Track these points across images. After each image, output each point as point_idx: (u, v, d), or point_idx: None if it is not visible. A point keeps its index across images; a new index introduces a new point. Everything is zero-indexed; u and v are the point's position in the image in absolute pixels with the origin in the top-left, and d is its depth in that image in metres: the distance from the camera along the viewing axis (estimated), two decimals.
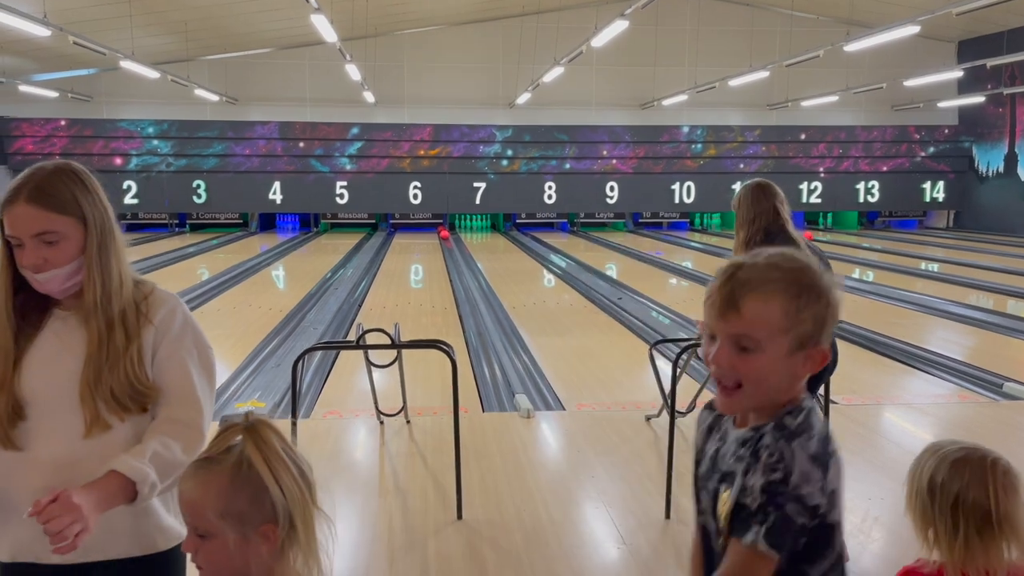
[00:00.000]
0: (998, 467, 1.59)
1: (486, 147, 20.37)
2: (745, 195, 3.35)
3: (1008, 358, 7.02)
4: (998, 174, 20.47)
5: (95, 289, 1.66)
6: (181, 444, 1.65)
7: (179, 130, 19.48)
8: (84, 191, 1.67)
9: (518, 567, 3.21)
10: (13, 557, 1.66)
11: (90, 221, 1.66)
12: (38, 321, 1.69)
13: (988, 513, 1.55)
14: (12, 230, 1.61)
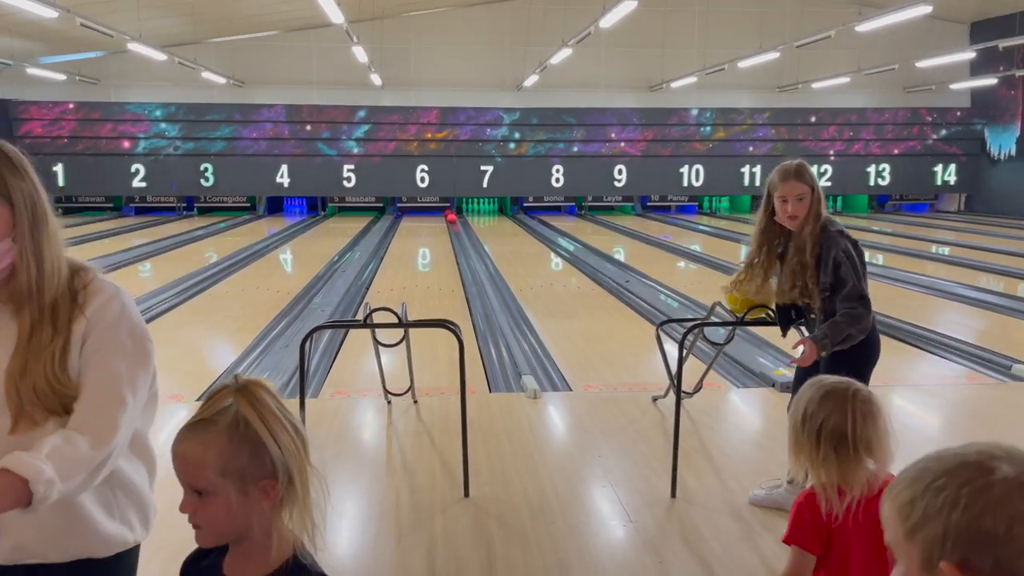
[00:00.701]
0: (858, 396, 1.80)
1: (493, 130, 20.30)
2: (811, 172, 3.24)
3: (1017, 340, 6.98)
4: (1010, 157, 20.29)
5: (30, 274, 1.56)
6: (89, 438, 1.50)
7: (186, 113, 19.48)
8: (12, 170, 1.56)
9: (524, 544, 3.23)
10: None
11: (17, 201, 1.55)
12: None
13: (845, 436, 1.75)
14: None
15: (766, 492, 3.49)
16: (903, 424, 4.69)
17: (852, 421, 1.77)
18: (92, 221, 18.46)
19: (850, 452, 1.76)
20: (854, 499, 1.77)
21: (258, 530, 1.31)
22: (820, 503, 1.80)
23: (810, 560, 1.82)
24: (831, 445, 1.77)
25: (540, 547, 3.20)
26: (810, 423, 1.80)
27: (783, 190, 3.11)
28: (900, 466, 3.28)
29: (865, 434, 1.78)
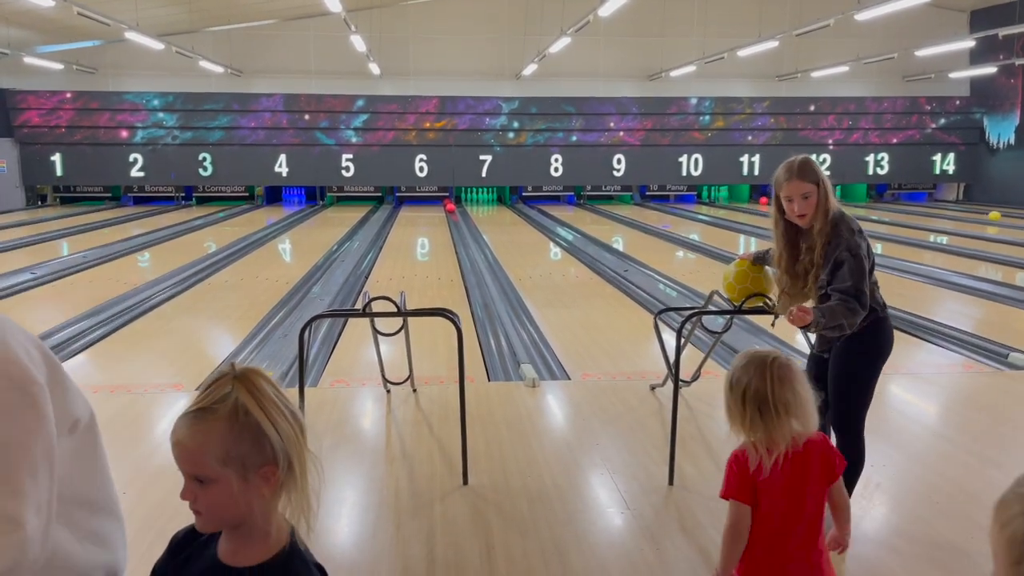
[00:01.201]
0: (776, 363, 2.00)
1: (492, 119, 20.26)
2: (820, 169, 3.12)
3: (1014, 329, 7.01)
4: (1009, 146, 20.29)
5: None
6: None
7: (184, 103, 19.43)
8: None
9: (523, 531, 3.26)
10: None
11: None
12: None
13: (766, 398, 1.95)
14: None
15: None
16: (899, 412, 4.72)
17: (771, 385, 1.96)
18: (91, 211, 18.44)
19: (772, 413, 1.96)
20: (780, 455, 1.97)
21: (259, 515, 1.33)
22: (749, 460, 2.00)
23: (745, 510, 2.01)
24: (755, 407, 1.97)
25: (538, 534, 3.23)
26: (736, 388, 2.01)
27: (787, 190, 3.06)
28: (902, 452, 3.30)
29: (783, 396, 1.96)
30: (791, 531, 2.01)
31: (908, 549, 3.11)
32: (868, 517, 3.39)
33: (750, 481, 2.00)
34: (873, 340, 3.10)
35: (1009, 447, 4.17)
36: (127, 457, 3.99)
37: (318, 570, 1.39)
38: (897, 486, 3.72)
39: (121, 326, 7.12)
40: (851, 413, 3.18)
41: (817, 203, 3.01)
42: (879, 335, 3.10)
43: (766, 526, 2.01)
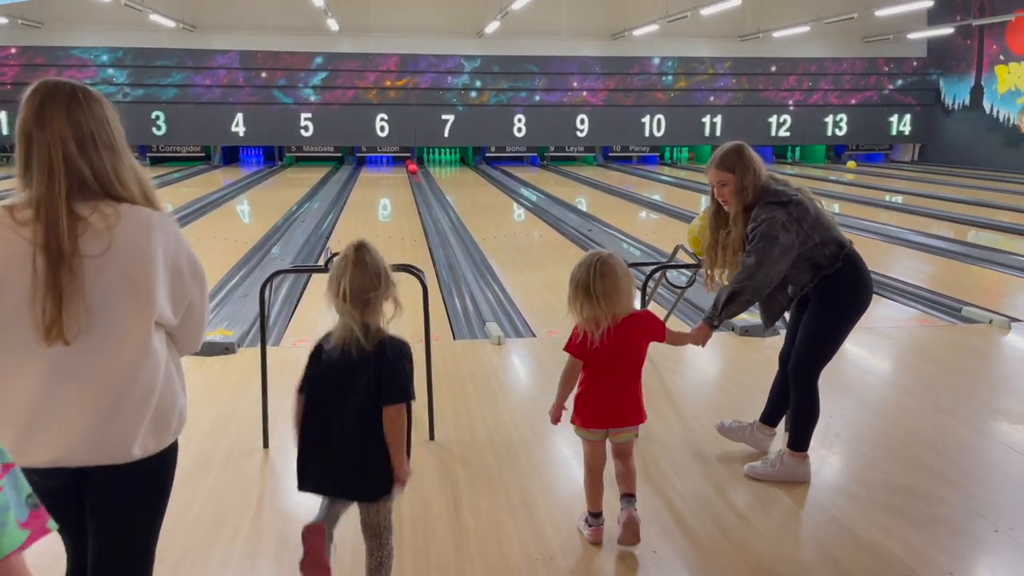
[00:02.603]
0: (600, 261, 2.63)
1: (454, 78, 19.97)
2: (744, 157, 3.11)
3: (967, 285, 7.19)
4: (964, 107, 20.62)
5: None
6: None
7: (135, 58, 18.79)
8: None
9: (490, 483, 3.27)
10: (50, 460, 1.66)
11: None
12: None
13: (589, 289, 2.61)
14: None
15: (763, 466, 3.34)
16: (856, 365, 4.82)
17: (593, 279, 2.60)
18: None
19: (593, 300, 2.61)
20: (603, 329, 2.64)
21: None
22: (580, 335, 2.69)
23: (578, 364, 2.75)
24: (584, 295, 2.63)
25: (505, 486, 3.24)
26: (571, 282, 2.68)
27: (709, 176, 3.20)
28: (860, 402, 3.39)
29: (603, 288, 2.60)
30: (615, 378, 2.72)
31: (865, 495, 3.19)
32: (827, 464, 3.47)
33: (582, 346, 2.69)
34: (830, 302, 3.14)
35: (962, 396, 4.29)
36: None
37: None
38: (855, 435, 3.81)
39: None
40: (802, 363, 3.24)
41: (733, 192, 3.11)
42: (835, 293, 3.13)
43: (596, 376, 2.72)
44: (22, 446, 1.61)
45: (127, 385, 1.67)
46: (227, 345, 4.95)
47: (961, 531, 2.91)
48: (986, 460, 3.54)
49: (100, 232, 1.62)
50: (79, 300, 1.59)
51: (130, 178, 1.71)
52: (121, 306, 1.65)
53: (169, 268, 1.72)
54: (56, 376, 1.62)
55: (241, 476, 3.33)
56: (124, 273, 1.64)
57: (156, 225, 1.70)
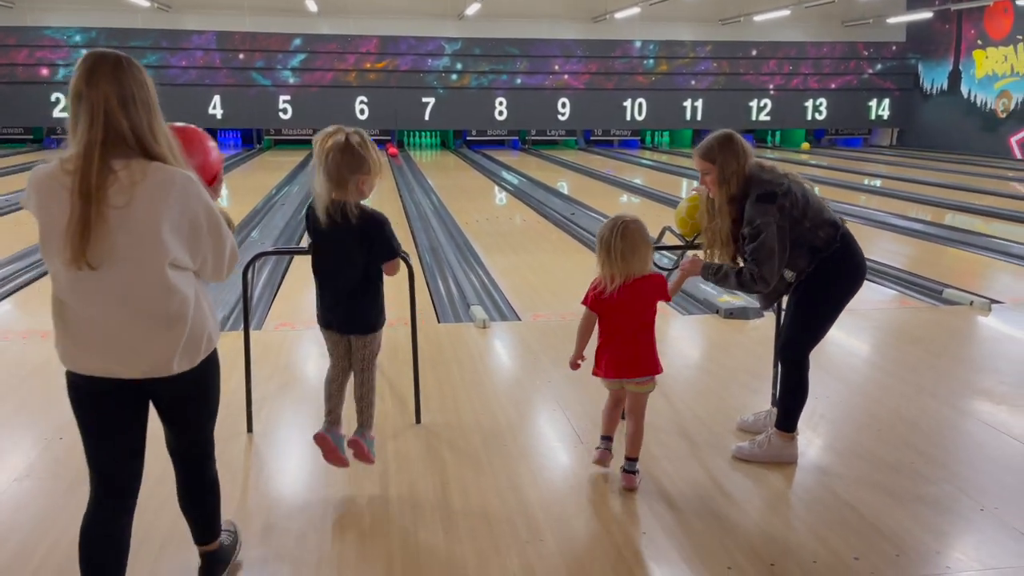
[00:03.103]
0: (623, 223, 2.94)
1: (435, 60, 19.81)
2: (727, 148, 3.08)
3: (947, 267, 7.26)
4: (942, 91, 20.78)
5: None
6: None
7: (109, 39, 18.42)
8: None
9: (477, 466, 3.25)
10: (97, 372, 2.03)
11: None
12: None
13: (610, 246, 2.93)
14: None
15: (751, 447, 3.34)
16: (840, 346, 4.84)
17: (614, 238, 2.92)
18: (11, 154, 17.50)
19: (612, 256, 2.93)
20: (616, 285, 2.94)
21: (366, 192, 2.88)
22: (598, 285, 3.01)
23: (592, 317, 3.05)
24: (605, 252, 2.95)
25: (493, 469, 3.22)
26: (598, 240, 2.99)
27: (695, 164, 3.22)
28: (844, 383, 3.40)
29: (620, 246, 2.91)
30: (628, 333, 3.00)
31: (852, 475, 3.21)
32: (813, 446, 3.48)
33: (596, 300, 3.01)
34: (824, 284, 3.13)
35: (944, 377, 4.33)
36: (61, 403, 3.83)
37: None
38: (840, 416, 3.83)
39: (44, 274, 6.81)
40: (794, 344, 3.25)
41: (715, 182, 3.12)
42: (830, 274, 3.12)
43: (611, 328, 3.02)
44: (81, 359, 2.03)
45: (152, 314, 1.99)
46: None
47: (946, 510, 2.93)
48: (969, 440, 3.57)
49: (125, 187, 1.89)
50: (104, 240, 1.89)
51: (162, 136, 1.98)
52: (138, 250, 1.94)
53: (188, 221, 1.99)
54: (92, 298, 1.96)
55: (225, 461, 3.27)
56: (141, 223, 1.92)
57: (178, 183, 1.96)
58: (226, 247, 2.14)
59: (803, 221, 3.06)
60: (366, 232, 2.84)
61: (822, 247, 3.08)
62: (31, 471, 3.19)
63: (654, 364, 3.05)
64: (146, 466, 2.24)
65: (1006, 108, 18.79)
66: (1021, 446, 3.48)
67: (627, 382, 3.06)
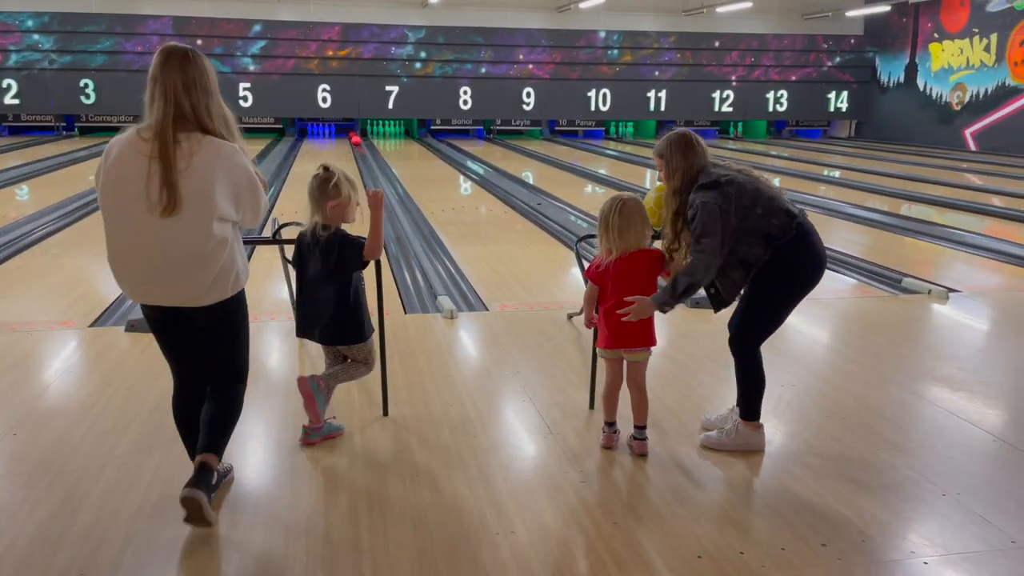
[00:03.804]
0: (622, 201, 3.13)
1: (398, 48, 19.60)
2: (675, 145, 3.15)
3: (906, 256, 7.39)
4: (898, 84, 21.16)
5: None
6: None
7: (62, 23, 17.91)
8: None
9: (446, 457, 3.22)
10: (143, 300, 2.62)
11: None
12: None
13: (608, 222, 3.12)
14: None
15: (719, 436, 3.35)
16: (804, 334, 4.90)
17: (613, 215, 3.11)
18: None
19: (610, 231, 3.12)
20: (612, 258, 3.13)
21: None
22: (598, 258, 3.23)
23: (595, 289, 3.23)
24: (604, 227, 3.14)
25: (463, 460, 3.20)
26: (599, 216, 3.17)
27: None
28: (808, 371, 3.42)
29: (617, 222, 3.10)
30: (624, 303, 3.10)
31: (817, 462, 3.24)
32: (780, 433, 3.51)
33: (595, 272, 3.20)
34: (780, 274, 3.12)
35: (905, 365, 4.40)
36: (16, 398, 3.72)
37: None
38: (805, 404, 3.87)
39: (1, 262, 6.61)
40: (744, 334, 3.25)
41: (664, 175, 3.23)
42: (787, 265, 3.11)
43: (609, 300, 3.16)
44: (141, 291, 2.58)
45: (192, 256, 2.49)
46: None
47: (910, 496, 2.98)
48: (931, 426, 3.64)
49: (186, 155, 2.43)
50: (175, 192, 2.42)
51: (216, 115, 2.52)
52: (194, 205, 2.45)
53: (231, 183, 2.52)
54: (158, 239, 2.46)
55: (186, 457, 3.20)
56: (197, 184, 2.45)
57: (224, 154, 2.50)
58: (260, 202, 2.67)
59: (754, 208, 3.06)
60: (340, 247, 3.22)
61: (777, 234, 3.07)
62: None
63: (649, 336, 3.20)
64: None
65: (961, 101, 19.20)
66: (979, 431, 3.55)
67: (624, 352, 3.21)
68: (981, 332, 5.16)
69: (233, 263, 2.60)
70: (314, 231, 3.21)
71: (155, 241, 2.46)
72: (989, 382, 4.16)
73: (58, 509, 2.76)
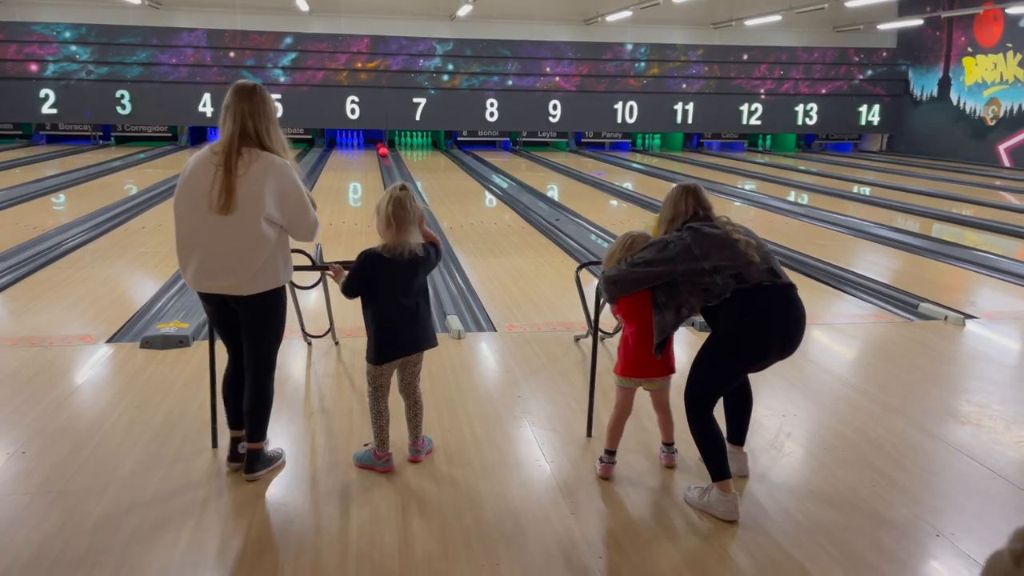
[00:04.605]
0: (630, 238, 3.26)
1: (426, 61, 19.78)
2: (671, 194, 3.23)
3: (926, 280, 7.28)
4: (932, 98, 20.84)
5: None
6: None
7: (99, 35, 18.36)
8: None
9: (439, 485, 3.25)
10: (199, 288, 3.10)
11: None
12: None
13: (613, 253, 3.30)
14: None
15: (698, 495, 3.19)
16: (812, 361, 4.86)
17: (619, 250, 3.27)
18: (1, 149, 17.43)
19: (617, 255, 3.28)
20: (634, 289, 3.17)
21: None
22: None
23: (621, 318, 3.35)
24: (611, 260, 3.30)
25: (454, 488, 3.23)
26: (608, 251, 3.34)
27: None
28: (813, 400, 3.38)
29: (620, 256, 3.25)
30: (645, 335, 3.22)
31: (811, 496, 3.22)
32: (777, 465, 3.49)
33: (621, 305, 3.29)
34: (718, 331, 3.08)
35: (914, 395, 4.35)
36: (28, 414, 3.83)
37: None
38: (805, 435, 3.84)
39: (31, 272, 6.79)
40: (686, 393, 3.15)
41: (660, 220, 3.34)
42: (725, 328, 3.05)
43: (630, 329, 3.29)
44: (198, 278, 3.05)
45: (243, 246, 2.98)
46: (181, 338, 4.87)
47: (904, 535, 2.95)
48: (932, 462, 3.59)
49: (245, 164, 2.96)
50: (232, 194, 2.93)
51: (275, 137, 3.06)
52: (246, 204, 2.96)
53: (278, 190, 3.01)
54: (216, 236, 2.98)
55: (187, 477, 3.28)
56: (250, 188, 2.95)
57: (276, 166, 3.01)
58: (308, 216, 3.11)
59: (702, 260, 3.02)
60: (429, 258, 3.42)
61: (715, 292, 3.01)
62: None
63: (669, 365, 3.30)
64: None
65: (995, 115, 18.86)
66: (981, 468, 3.50)
67: (643, 382, 3.31)
68: (995, 362, 5.07)
69: (275, 261, 3.04)
70: (410, 250, 3.19)
71: (211, 235, 2.96)
72: (997, 416, 4.09)
73: (56, 531, 2.84)
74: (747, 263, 3.04)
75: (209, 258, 3.00)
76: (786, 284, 3.07)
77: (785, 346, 3.06)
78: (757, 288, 3.00)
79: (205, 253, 3.00)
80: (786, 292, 3.06)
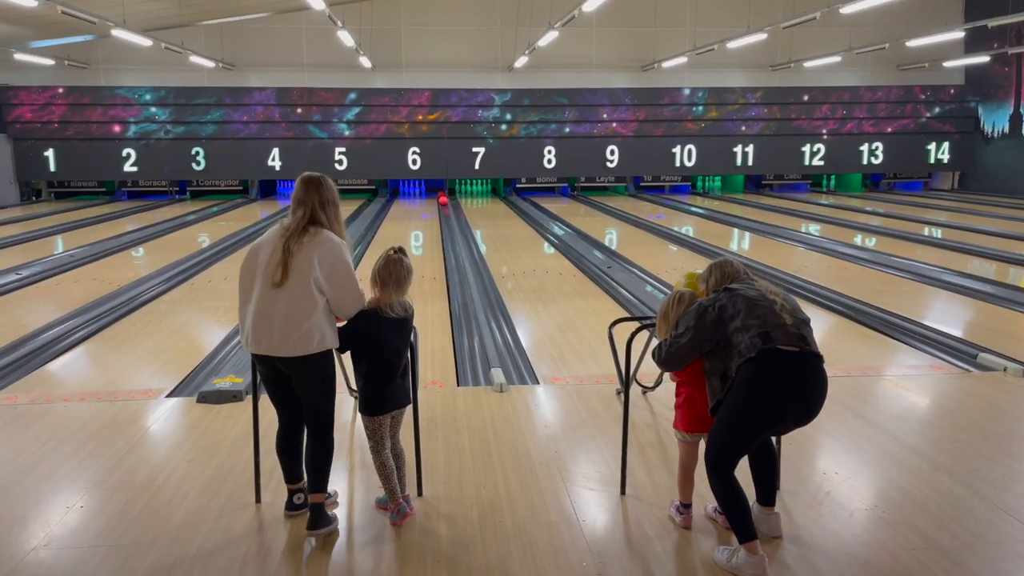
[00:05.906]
0: (678, 294, 3.47)
1: (485, 111, 20.25)
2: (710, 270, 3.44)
3: (987, 327, 7.04)
4: (1003, 135, 20.23)
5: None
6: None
7: (176, 97, 19.44)
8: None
9: (471, 544, 3.31)
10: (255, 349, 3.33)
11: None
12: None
13: (666, 315, 3.46)
14: None
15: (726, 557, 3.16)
16: (859, 415, 4.76)
17: (669, 307, 3.45)
18: (85, 206, 18.51)
19: (668, 324, 3.43)
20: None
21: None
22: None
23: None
24: (663, 319, 3.48)
25: (484, 547, 3.28)
26: (660, 309, 3.53)
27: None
28: (857, 456, 3.35)
29: (676, 312, 3.41)
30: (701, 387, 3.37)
31: (846, 560, 3.15)
32: (814, 524, 3.43)
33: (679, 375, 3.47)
34: (735, 391, 3.07)
35: (963, 453, 4.21)
36: (89, 469, 4.05)
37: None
38: (846, 493, 3.76)
39: (108, 324, 7.19)
40: (707, 452, 3.18)
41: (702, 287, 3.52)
42: (741, 389, 3.04)
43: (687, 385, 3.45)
44: (257, 341, 3.28)
45: (295, 315, 3.24)
46: (235, 393, 5.08)
47: None
48: (978, 525, 3.47)
49: (303, 243, 3.29)
50: (287, 271, 3.25)
51: (334, 219, 3.41)
52: (298, 273, 3.25)
53: (330, 265, 3.30)
54: (270, 303, 3.25)
55: (230, 533, 3.42)
56: (304, 259, 3.26)
57: (332, 242, 3.33)
58: (351, 293, 3.37)
59: (734, 319, 3.09)
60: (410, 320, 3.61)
61: (743, 351, 3.04)
62: (50, 541, 3.36)
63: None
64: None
65: None
66: None
67: (705, 436, 3.32)
68: None
69: (321, 327, 3.29)
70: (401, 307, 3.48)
71: (267, 301, 3.26)
72: None
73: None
74: (777, 324, 3.06)
75: (262, 320, 3.25)
76: (811, 353, 3.06)
77: (801, 414, 3.05)
78: (779, 352, 3.01)
79: (259, 315, 3.26)
80: (809, 361, 3.05)
